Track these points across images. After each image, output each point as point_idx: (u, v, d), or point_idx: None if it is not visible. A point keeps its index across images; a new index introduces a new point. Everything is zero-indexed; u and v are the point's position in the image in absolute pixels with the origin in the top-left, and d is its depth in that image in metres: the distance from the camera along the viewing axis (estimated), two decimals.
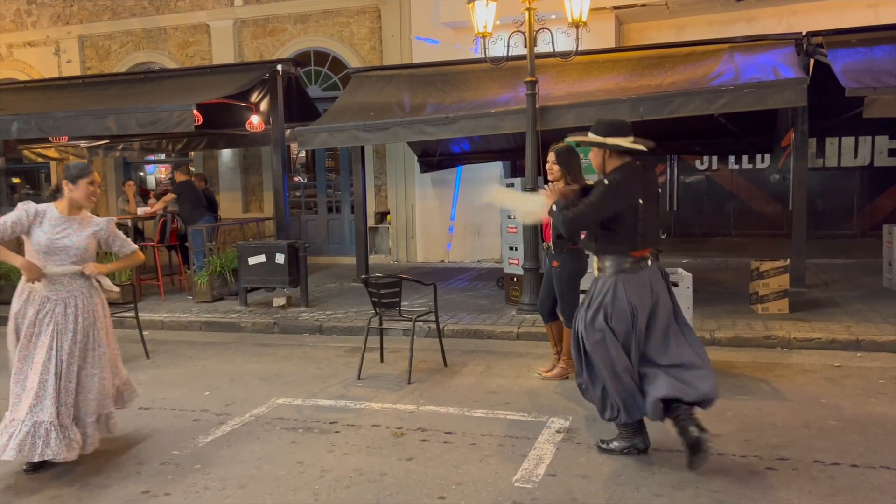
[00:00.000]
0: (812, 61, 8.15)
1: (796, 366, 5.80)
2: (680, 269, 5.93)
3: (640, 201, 3.84)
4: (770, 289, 7.22)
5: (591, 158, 4.02)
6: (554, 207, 3.94)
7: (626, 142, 3.88)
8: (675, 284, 5.65)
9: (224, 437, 4.58)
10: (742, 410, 4.74)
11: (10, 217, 4.02)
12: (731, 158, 13.33)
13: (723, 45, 8.36)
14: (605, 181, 3.87)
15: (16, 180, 15.73)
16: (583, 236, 4.08)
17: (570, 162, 5.33)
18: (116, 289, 4.51)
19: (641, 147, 3.87)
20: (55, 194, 4.17)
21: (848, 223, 12.86)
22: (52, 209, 4.10)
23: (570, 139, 4.38)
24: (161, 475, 4.01)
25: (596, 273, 3.98)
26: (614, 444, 4.08)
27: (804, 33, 8.12)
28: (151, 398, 5.47)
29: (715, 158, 13.41)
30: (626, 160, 3.93)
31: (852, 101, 6.94)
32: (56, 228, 4.06)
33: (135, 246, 4.46)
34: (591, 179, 4.78)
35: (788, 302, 7.22)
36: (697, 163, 13.69)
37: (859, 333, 6.35)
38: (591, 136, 3.97)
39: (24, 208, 4.05)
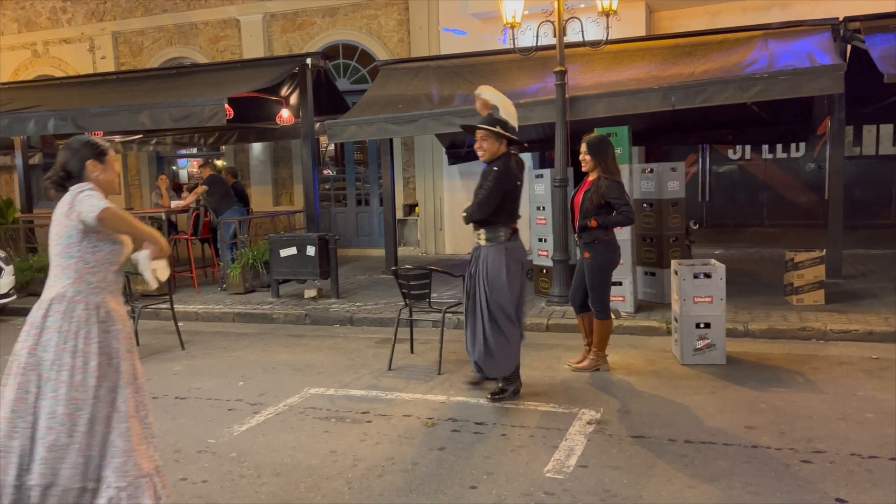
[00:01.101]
0: (849, 47, 7.97)
1: (832, 358, 5.70)
2: (713, 260, 5.87)
3: (518, 183, 4.83)
4: (805, 280, 7.10)
5: (488, 147, 4.79)
6: (462, 214, 4.83)
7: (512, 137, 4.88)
8: (708, 275, 5.61)
9: (258, 426, 4.66)
10: (776, 403, 4.68)
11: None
12: (765, 147, 13.12)
13: (757, 31, 8.21)
14: (495, 168, 4.74)
15: None
16: (465, 213, 4.86)
17: (602, 152, 5.33)
18: None
19: (515, 139, 4.96)
20: (64, 182, 2.95)
21: (886, 212, 12.58)
22: None
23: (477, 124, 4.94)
24: (198, 463, 4.09)
25: (484, 242, 4.83)
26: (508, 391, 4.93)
27: (841, 19, 7.94)
28: (187, 388, 5.58)
29: (748, 148, 13.22)
30: (506, 150, 4.83)
31: (891, 88, 6.79)
32: None
33: None
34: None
35: (824, 293, 7.10)
36: (730, 152, 13.50)
37: None
38: (492, 129, 4.79)
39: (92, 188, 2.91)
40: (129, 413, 2.88)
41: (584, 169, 5.43)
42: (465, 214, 4.87)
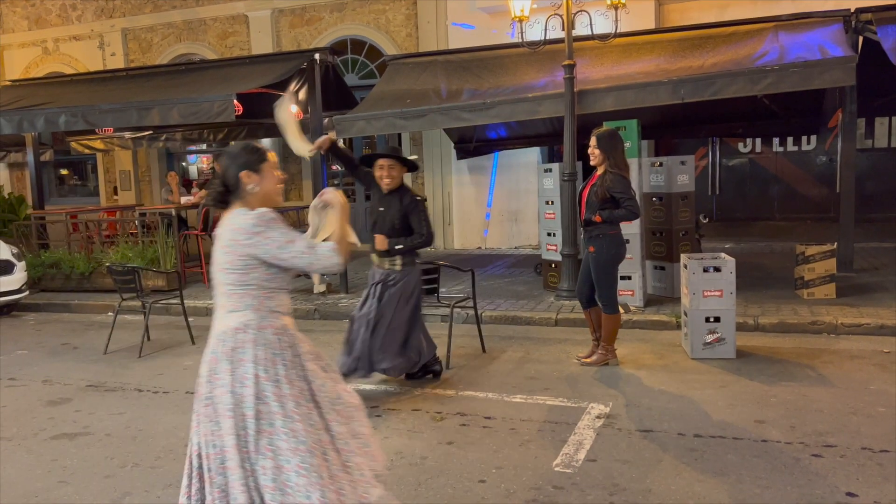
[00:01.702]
0: (861, 39, 7.88)
1: (843, 352, 5.67)
2: (722, 254, 5.84)
3: None
4: (816, 273, 7.06)
5: (397, 175, 5.06)
6: (397, 246, 5.05)
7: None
8: (718, 269, 5.58)
9: None
10: (787, 397, 4.66)
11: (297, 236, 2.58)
12: (776, 140, 13.04)
13: (767, 23, 8.14)
14: (419, 198, 5.13)
15: (64, 172, 16.19)
16: (379, 239, 5.11)
17: (612, 146, 5.31)
18: None
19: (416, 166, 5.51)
20: (225, 196, 2.63)
21: None
22: None
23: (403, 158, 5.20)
24: None
25: (399, 267, 5.09)
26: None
27: (853, 10, 7.86)
28: (198, 382, 5.59)
29: (758, 141, 13.14)
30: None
31: None
32: None
33: None
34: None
35: (835, 287, 7.05)
36: (740, 145, 13.42)
37: None
38: (403, 157, 5.14)
39: (273, 216, 2.57)
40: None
41: (592, 163, 5.41)
42: (400, 246, 5.03)
